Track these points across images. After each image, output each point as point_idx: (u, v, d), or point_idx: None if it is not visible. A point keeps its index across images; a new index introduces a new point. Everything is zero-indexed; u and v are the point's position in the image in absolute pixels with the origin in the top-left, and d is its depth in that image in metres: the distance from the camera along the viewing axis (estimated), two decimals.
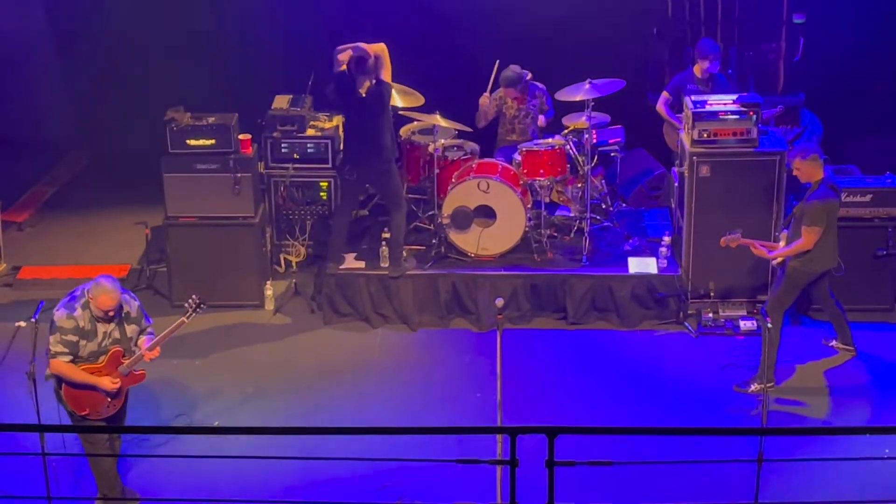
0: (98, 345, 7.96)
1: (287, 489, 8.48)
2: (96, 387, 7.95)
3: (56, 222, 12.70)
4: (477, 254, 10.80)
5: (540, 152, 10.82)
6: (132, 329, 8.10)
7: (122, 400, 8.14)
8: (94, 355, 7.97)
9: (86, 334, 7.91)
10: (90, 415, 8.04)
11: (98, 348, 7.97)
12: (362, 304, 10.65)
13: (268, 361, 10.17)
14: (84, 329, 7.90)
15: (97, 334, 7.95)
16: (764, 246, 9.56)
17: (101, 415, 8.07)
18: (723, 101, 10.52)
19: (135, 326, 8.11)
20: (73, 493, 8.35)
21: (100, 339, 7.96)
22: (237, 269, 10.82)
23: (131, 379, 8.13)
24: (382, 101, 10.22)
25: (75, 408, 8.02)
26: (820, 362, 9.99)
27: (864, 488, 8.33)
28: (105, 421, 8.13)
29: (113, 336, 7.99)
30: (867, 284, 10.52)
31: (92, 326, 7.92)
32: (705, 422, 9.23)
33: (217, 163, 10.66)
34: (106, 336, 7.97)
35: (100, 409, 8.05)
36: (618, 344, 10.37)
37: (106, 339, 7.98)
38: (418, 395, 9.67)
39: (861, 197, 10.40)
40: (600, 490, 8.28)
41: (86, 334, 7.91)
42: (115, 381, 7.99)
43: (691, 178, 10.40)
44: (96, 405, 8.03)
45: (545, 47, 12.22)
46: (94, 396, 8.01)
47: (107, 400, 8.04)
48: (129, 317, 8.07)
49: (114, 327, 7.99)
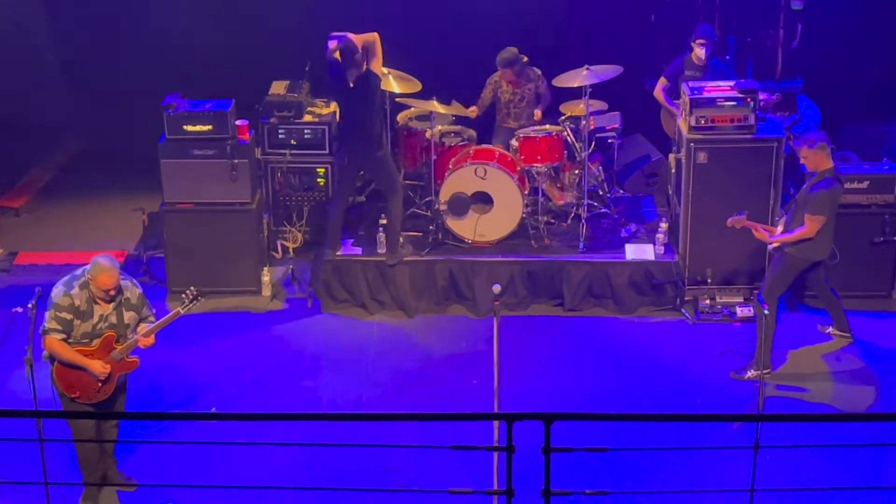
0: (93, 326, 7.93)
1: (283, 475, 8.49)
2: (86, 369, 7.93)
3: (53, 208, 12.70)
4: (474, 240, 10.80)
5: (537, 138, 10.82)
6: (130, 316, 8.04)
7: (113, 386, 8.06)
8: (87, 336, 7.92)
9: (81, 314, 7.88)
10: (80, 398, 8.01)
11: (92, 330, 7.93)
12: (359, 290, 10.65)
13: (264, 347, 10.17)
14: (80, 309, 7.87)
15: (93, 316, 7.92)
16: (766, 230, 9.57)
17: (90, 399, 8.03)
18: (720, 87, 10.51)
19: (133, 314, 8.06)
20: (71, 478, 8.35)
21: (95, 321, 7.93)
22: (234, 255, 10.82)
23: (124, 366, 8.06)
24: (370, 91, 10.16)
25: (66, 390, 7.98)
26: (816, 348, 10.01)
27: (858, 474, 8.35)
28: (95, 407, 8.10)
29: (109, 320, 7.97)
30: (864, 271, 10.54)
31: (88, 307, 7.89)
32: (702, 408, 9.24)
33: (214, 149, 10.65)
34: (102, 319, 7.94)
35: (89, 394, 8.00)
36: (614, 330, 10.38)
37: (102, 322, 7.95)
38: (415, 381, 9.68)
39: (858, 183, 10.39)
40: (597, 476, 8.30)
41: (81, 314, 7.88)
42: (105, 366, 7.94)
43: (689, 165, 10.39)
44: (86, 389, 7.99)
45: (543, 33, 12.20)
46: (84, 379, 7.97)
47: (97, 384, 8.00)
48: (128, 303, 8.03)
49: (111, 311, 7.95)
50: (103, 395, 8.05)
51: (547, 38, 12.03)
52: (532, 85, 11.41)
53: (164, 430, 8.96)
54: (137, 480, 8.47)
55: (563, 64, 11.10)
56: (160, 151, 10.67)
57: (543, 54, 11.63)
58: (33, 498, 7.88)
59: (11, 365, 9.32)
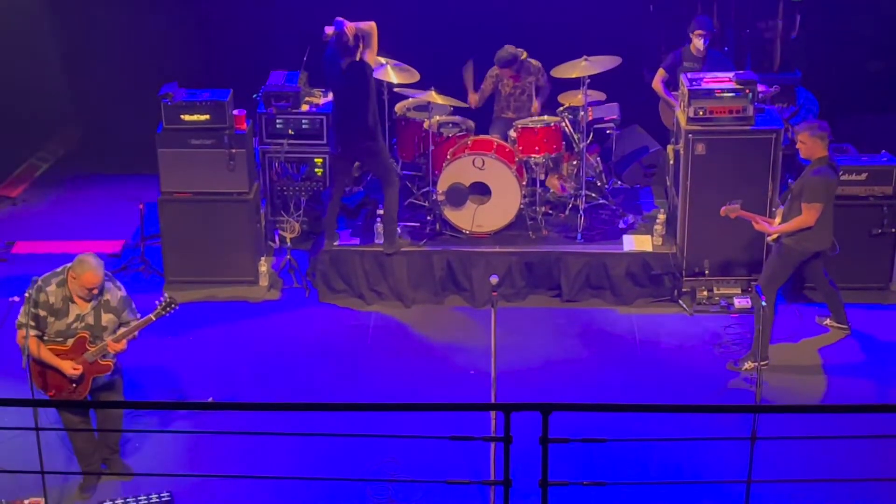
0: (67, 325, 7.84)
1: (280, 465, 8.49)
2: (56, 369, 7.85)
3: (50, 197, 12.68)
4: (472, 231, 10.79)
5: (535, 129, 10.81)
6: (108, 318, 7.91)
7: (87, 387, 7.95)
8: (61, 335, 7.84)
9: (55, 312, 7.81)
10: (55, 397, 7.96)
11: (66, 329, 7.84)
12: (357, 280, 10.64)
13: (261, 338, 10.16)
14: (53, 306, 7.80)
15: (68, 314, 7.83)
16: (765, 221, 9.55)
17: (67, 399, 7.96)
18: (719, 78, 10.49)
19: (112, 316, 7.93)
20: (67, 467, 8.35)
21: (70, 319, 7.84)
22: (231, 245, 10.80)
23: (96, 368, 7.94)
24: (361, 80, 10.10)
25: (41, 387, 7.92)
26: (814, 340, 10.00)
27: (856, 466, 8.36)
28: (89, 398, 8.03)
29: (86, 321, 7.87)
30: (862, 263, 10.52)
31: (64, 305, 7.82)
32: (699, 399, 9.24)
33: (212, 138, 10.62)
34: (78, 319, 7.85)
35: (64, 394, 7.92)
36: (612, 321, 10.38)
37: (77, 322, 7.85)
38: (412, 371, 9.68)
39: (857, 175, 10.39)
40: (594, 467, 8.31)
41: (55, 312, 7.81)
42: (76, 367, 7.85)
43: (687, 156, 10.38)
44: (60, 389, 7.92)
45: (542, 24, 12.16)
46: (58, 379, 7.91)
47: (71, 385, 7.92)
48: (107, 305, 7.91)
49: (89, 311, 7.86)
50: (78, 395, 7.95)
51: (545, 28, 11.99)
52: (532, 78, 11.39)
53: (161, 420, 8.95)
54: (134, 469, 8.46)
55: (561, 54, 11.07)
56: (157, 141, 10.65)
57: (542, 44, 11.60)
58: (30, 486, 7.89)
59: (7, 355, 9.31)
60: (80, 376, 7.88)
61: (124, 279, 10.61)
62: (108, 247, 11.44)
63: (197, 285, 10.73)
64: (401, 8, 12.00)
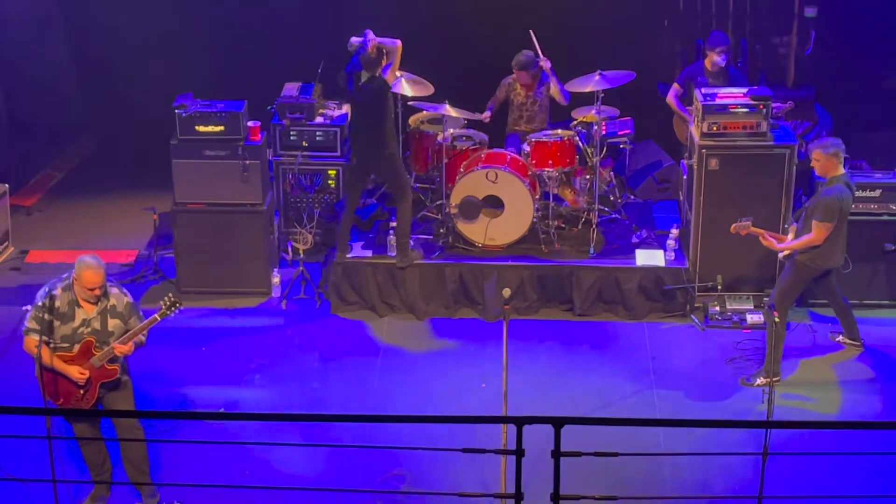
0: (73, 330, 7.81)
1: (291, 476, 8.49)
2: (65, 375, 7.83)
3: (64, 207, 12.73)
4: (484, 244, 10.80)
5: (549, 143, 10.82)
6: (115, 324, 7.86)
7: (95, 394, 7.91)
8: (67, 340, 7.81)
9: (61, 316, 7.78)
10: (63, 405, 7.91)
11: (72, 333, 7.81)
12: (369, 292, 10.65)
13: (274, 349, 10.17)
14: (60, 310, 7.78)
15: (74, 319, 7.80)
16: (773, 237, 9.54)
17: (73, 407, 7.92)
18: (733, 94, 10.49)
19: (118, 322, 7.87)
20: (79, 476, 8.35)
21: (76, 324, 7.81)
22: (245, 256, 10.83)
23: (103, 373, 7.88)
24: (379, 96, 10.12)
25: (50, 397, 7.89)
26: (826, 357, 9.98)
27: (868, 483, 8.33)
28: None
29: (92, 326, 7.83)
30: (875, 280, 10.51)
31: (70, 310, 7.80)
32: (711, 415, 9.21)
33: (226, 149, 10.66)
34: (84, 324, 7.82)
35: (72, 401, 7.89)
36: (624, 336, 10.37)
37: (84, 327, 7.82)
38: (424, 384, 9.67)
39: (870, 192, 10.37)
40: (605, 481, 8.29)
41: (61, 316, 7.78)
42: (83, 372, 7.81)
43: (700, 171, 10.38)
44: (69, 396, 7.89)
45: (556, 38, 12.18)
46: (66, 386, 7.88)
47: (79, 392, 7.89)
48: (114, 310, 7.87)
49: (95, 316, 7.82)
50: (86, 403, 7.92)
51: (559, 42, 12.02)
52: (543, 88, 11.38)
53: (173, 430, 8.96)
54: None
55: (575, 69, 11.09)
56: (172, 151, 10.68)
57: (556, 59, 11.60)
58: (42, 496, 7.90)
59: (21, 362, 9.32)
60: (86, 381, 7.88)
61: (137, 289, 10.67)
62: (122, 257, 11.48)
63: (209, 296, 10.76)
64: (415, 20, 12.04)
